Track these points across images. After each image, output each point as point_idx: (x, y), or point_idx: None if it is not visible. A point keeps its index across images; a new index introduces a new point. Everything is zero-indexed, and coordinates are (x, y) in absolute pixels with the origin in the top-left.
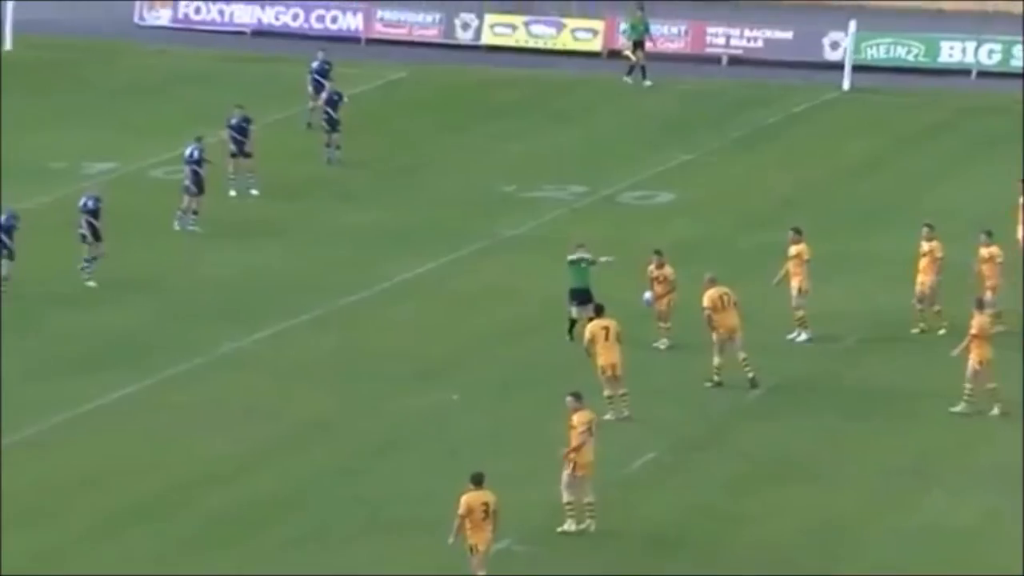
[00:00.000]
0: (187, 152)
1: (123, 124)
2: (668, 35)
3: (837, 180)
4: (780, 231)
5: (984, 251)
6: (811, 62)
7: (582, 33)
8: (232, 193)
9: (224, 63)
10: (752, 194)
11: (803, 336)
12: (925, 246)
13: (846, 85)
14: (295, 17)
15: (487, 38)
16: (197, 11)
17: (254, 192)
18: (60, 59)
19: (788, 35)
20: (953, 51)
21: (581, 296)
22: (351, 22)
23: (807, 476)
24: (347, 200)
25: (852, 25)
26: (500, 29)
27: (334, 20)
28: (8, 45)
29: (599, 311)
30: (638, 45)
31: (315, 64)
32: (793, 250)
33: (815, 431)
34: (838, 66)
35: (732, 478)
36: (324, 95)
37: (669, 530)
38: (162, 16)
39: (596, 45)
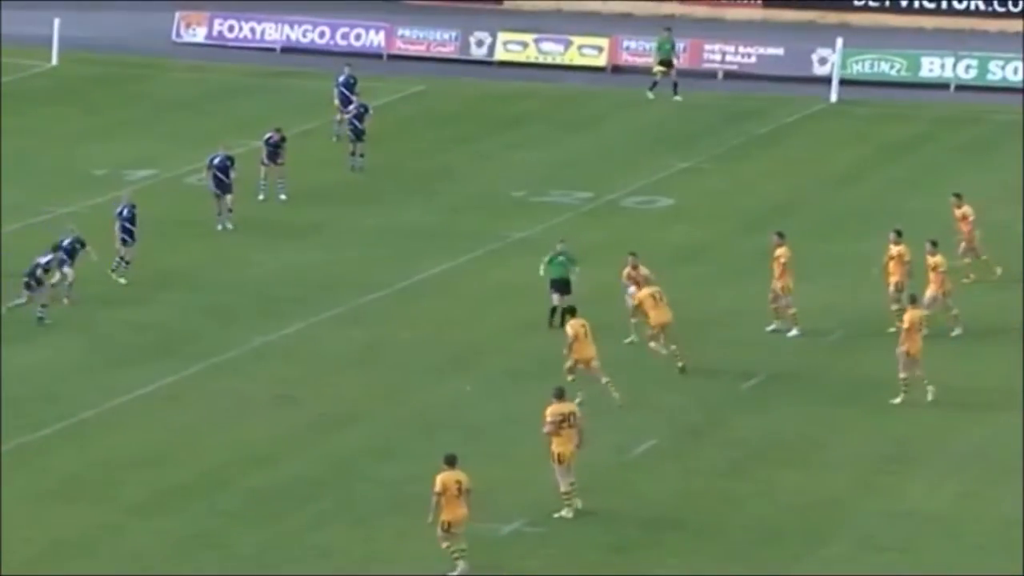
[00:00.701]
0: (210, 159)
1: (162, 134)
2: None
3: (825, 186)
4: (771, 232)
5: (929, 259)
6: (801, 77)
7: (588, 50)
8: (260, 197)
9: (255, 78)
10: (746, 200)
11: (794, 331)
12: (893, 250)
13: (833, 98)
14: (321, 35)
15: (500, 54)
16: (231, 29)
17: (283, 197)
18: (103, 74)
19: (780, 51)
20: (933, 66)
21: (561, 286)
22: (374, 39)
23: (797, 460)
24: (370, 204)
25: (839, 42)
26: (512, 46)
27: (358, 37)
28: (55, 60)
29: (573, 312)
30: (665, 63)
31: (341, 78)
32: (776, 252)
33: (805, 418)
34: (826, 80)
35: (727, 462)
36: (352, 107)
37: (669, 511)
38: (198, 34)
39: (601, 61)
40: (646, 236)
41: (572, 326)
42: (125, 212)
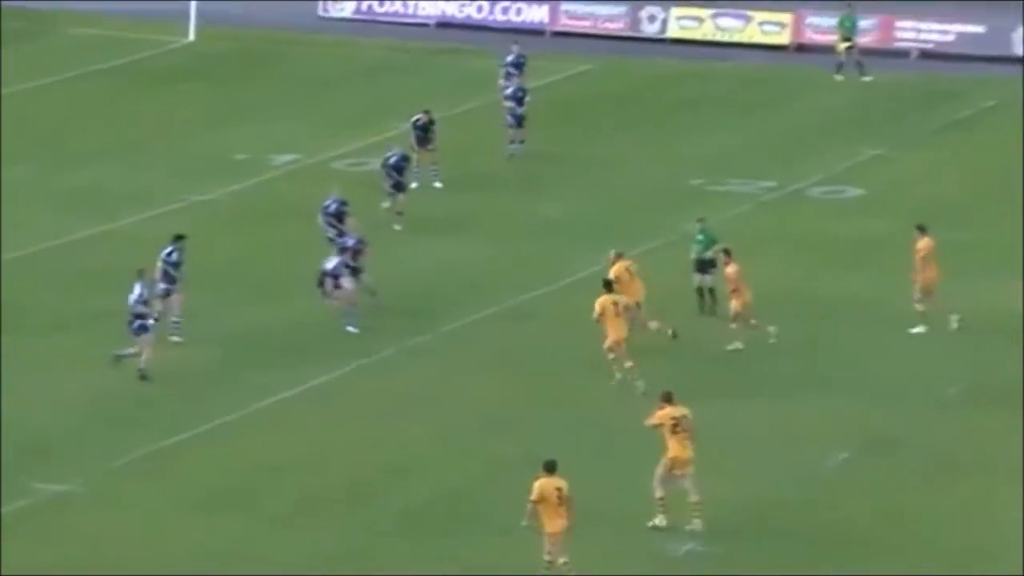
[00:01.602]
0: (386, 158)
1: (306, 116)
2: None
3: None
4: (968, 227)
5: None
6: (1003, 56)
7: (769, 26)
8: (414, 185)
9: (406, 55)
10: (941, 189)
11: (919, 328)
12: None
13: None
14: (479, 9)
15: (673, 31)
16: (380, 3)
17: (437, 184)
18: (243, 50)
19: (980, 29)
20: None
21: (702, 266)
22: (536, 14)
23: (993, 475)
24: (531, 193)
25: None
26: (686, 22)
27: (519, 12)
28: (192, 36)
29: (608, 287)
30: (847, 41)
31: (510, 57)
32: (918, 245)
33: (1001, 429)
34: None
35: (916, 476)
36: (509, 90)
37: (857, 528)
38: (345, 8)
39: (784, 38)
40: (832, 228)
41: (601, 302)
42: (333, 208)
